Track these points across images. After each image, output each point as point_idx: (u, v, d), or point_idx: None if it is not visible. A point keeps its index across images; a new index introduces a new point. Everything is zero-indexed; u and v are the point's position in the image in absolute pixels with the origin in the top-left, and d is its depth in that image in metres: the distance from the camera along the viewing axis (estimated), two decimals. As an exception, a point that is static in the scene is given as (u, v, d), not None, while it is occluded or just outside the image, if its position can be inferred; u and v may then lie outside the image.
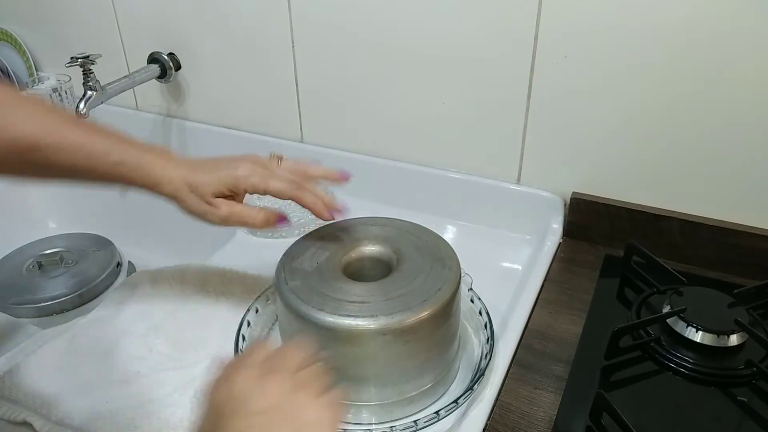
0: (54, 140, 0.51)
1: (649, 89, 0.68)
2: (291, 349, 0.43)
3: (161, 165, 0.56)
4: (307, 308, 0.51)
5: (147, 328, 0.66)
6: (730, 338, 0.59)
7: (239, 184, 0.56)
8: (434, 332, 0.53)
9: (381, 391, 0.53)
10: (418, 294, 0.52)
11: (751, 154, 0.67)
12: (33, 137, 0.51)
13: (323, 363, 0.42)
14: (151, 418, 0.53)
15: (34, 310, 0.85)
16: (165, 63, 0.97)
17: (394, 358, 0.52)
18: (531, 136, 0.77)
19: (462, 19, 0.74)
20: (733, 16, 0.62)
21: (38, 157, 0.51)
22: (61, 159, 0.52)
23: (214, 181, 0.56)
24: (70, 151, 0.52)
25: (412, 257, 0.57)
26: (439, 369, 0.55)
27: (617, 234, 0.75)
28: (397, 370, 0.53)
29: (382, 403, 0.53)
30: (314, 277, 0.55)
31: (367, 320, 0.50)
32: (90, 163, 0.53)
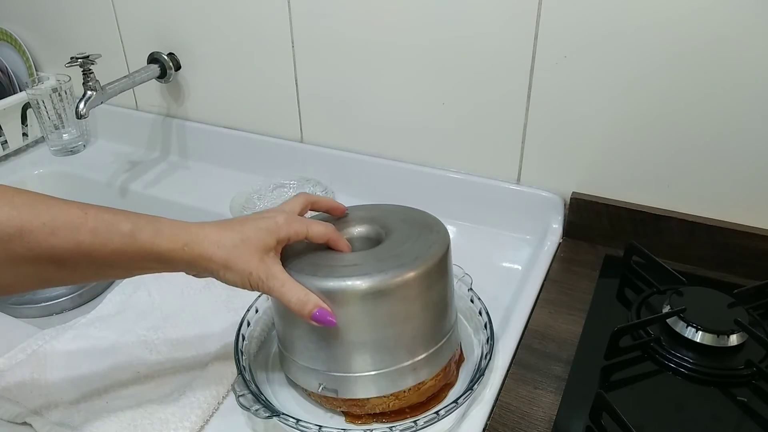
0: (43, 221, 0.44)
1: (649, 89, 0.68)
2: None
3: (184, 225, 0.49)
4: (300, 275, 0.50)
5: (147, 328, 0.66)
6: (730, 338, 0.59)
7: (282, 233, 0.51)
8: (428, 291, 0.52)
9: (378, 357, 0.52)
10: (409, 254, 0.52)
11: (752, 154, 0.67)
12: (14, 221, 0.43)
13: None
14: (151, 418, 0.53)
15: (34, 310, 0.85)
16: (165, 63, 0.97)
17: (389, 319, 0.51)
18: (531, 136, 0.77)
19: (462, 20, 0.74)
20: (733, 16, 0.62)
21: (29, 244, 0.43)
22: (58, 242, 0.44)
23: (262, 232, 0.50)
24: (66, 229, 0.44)
25: (399, 229, 0.57)
26: (436, 335, 0.54)
27: (617, 234, 0.75)
28: (393, 333, 0.52)
29: (380, 372, 0.52)
30: (305, 252, 0.54)
31: (361, 279, 0.49)
32: (96, 241, 0.45)
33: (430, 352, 0.54)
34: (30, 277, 0.46)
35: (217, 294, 0.71)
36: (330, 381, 0.53)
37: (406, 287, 0.51)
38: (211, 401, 0.56)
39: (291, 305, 0.49)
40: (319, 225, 0.54)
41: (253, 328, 0.62)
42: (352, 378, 0.52)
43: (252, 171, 0.97)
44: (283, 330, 0.56)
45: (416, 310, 0.52)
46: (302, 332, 0.53)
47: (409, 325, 0.52)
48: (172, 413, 0.54)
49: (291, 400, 0.58)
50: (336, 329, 0.51)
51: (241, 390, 0.53)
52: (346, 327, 0.51)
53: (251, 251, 0.49)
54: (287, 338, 0.56)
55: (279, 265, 0.51)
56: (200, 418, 0.54)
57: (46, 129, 1.07)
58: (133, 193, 0.98)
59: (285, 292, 0.49)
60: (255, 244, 0.50)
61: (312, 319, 0.49)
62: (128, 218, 0.47)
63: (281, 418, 0.51)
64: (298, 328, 0.53)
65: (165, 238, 0.47)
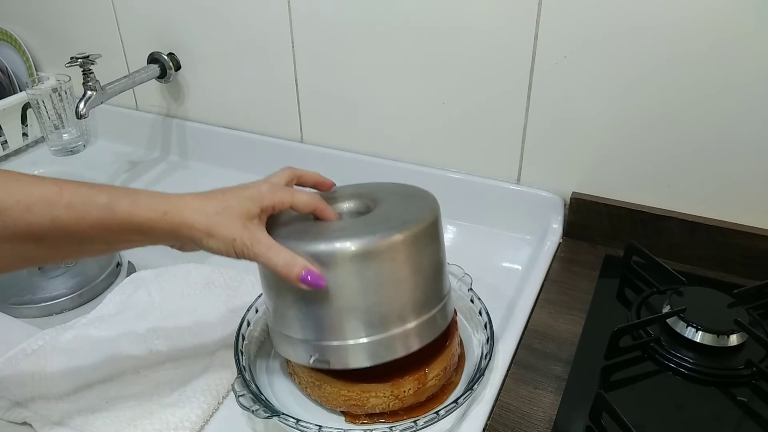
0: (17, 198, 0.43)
1: (649, 89, 0.68)
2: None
3: (163, 195, 0.48)
4: (286, 241, 0.50)
5: (147, 328, 0.66)
6: (729, 338, 0.59)
7: (266, 201, 0.50)
8: (418, 255, 0.52)
9: (370, 324, 0.50)
10: (398, 218, 0.52)
11: (752, 154, 0.67)
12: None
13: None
14: (151, 418, 0.53)
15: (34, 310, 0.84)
16: (165, 63, 0.97)
17: (379, 282, 0.50)
18: (531, 136, 0.77)
19: (462, 19, 0.74)
20: (733, 16, 0.62)
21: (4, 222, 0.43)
22: (35, 218, 0.43)
23: (245, 200, 0.49)
24: (41, 205, 0.44)
25: (389, 200, 0.56)
26: (428, 302, 0.53)
27: (617, 234, 0.75)
28: (384, 297, 0.51)
29: (372, 340, 0.51)
30: (291, 222, 0.54)
31: (350, 241, 0.49)
32: (73, 215, 0.45)
33: (422, 319, 0.52)
34: (9, 256, 0.45)
35: (217, 294, 0.71)
36: (321, 351, 0.52)
37: (396, 249, 0.50)
38: (211, 401, 0.56)
39: (278, 269, 0.48)
40: (304, 194, 0.53)
41: (253, 328, 0.62)
42: (343, 347, 0.51)
43: (252, 171, 0.96)
44: (272, 302, 0.55)
45: (407, 273, 0.51)
46: (291, 301, 0.52)
47: (399, 289, 0.51)
48: (172, 413, 0.54)
49: (291, 400, 0.58)
50: (325, 295, 0.49)
51: (241, 390, 0.53)
52: (336, 292, 0.49)
53: (234, 218, 0.48)
54: (276, 310, 0.54)
55: (264, 232, 0.50)
56: (200, 418, 0.54)
57: (46, 129, 1.07)
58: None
59: (271, 256, 0.48)
60: (238, 211, 0.49)
61: (301, 281, 0.48)
62: (104, 191, 0.46)
63: (281, 418, 0.51)
64: (286, 298, 0.52)
65: (143, 207, 0.47)
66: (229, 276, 0.73)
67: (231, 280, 0.72)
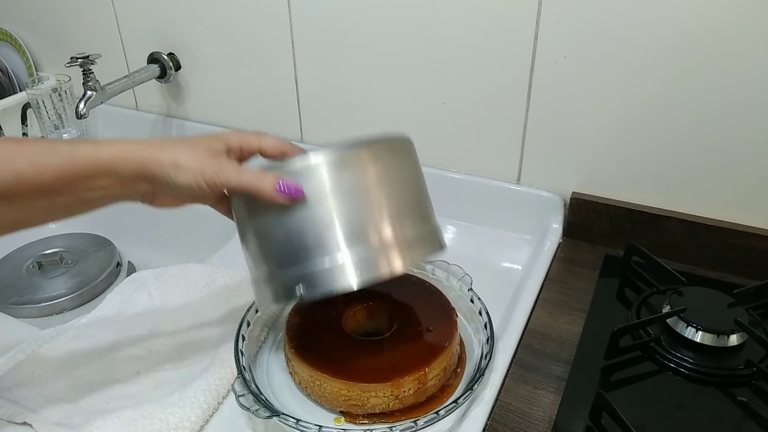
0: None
1: (649, 89, 0.68)
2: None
3: (124, 140, 0.47)
4: (263, 167, 0.50)
5: (147, 328, 0.66)
6: (729, 338, 0.59)
7: (231, 140, 0.50)
8: (392, 169, 0.52)
9: (351, 238, 0.49)
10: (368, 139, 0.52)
11: (751, 153, 0.67)
12: None
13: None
14: (151, 418, 0.53)
15: (34, 310, 0.84)
16: (165, 63, 0.97)
17: (355, 191, 0.49)
18: (531, 136, 0.77)
19: (462, 19, 0.74)
20: (733, 16, 0.62)
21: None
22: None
23: (209, 139, 0.49)
24: (2, 161, 0.43)
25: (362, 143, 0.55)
26: (411, 220, 0.52)
27: (617, 234, 0.75)
28: (362, 207, 0.50)
29: (357, 258, 0.49)
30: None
31: (321, 152, 0.49)
32: (35, 166, 0.44)
33: (405, 236, 0.51)
34: None
35: (217, 294, 0.71)
36: (307, 279, 0.49)
37: (369, 157, 0.50)
38: (211, 401, 0.56)
39: (252, 186, 0.47)
40: (272, 136, 0.52)
41: (253, 328, 0.62)
42: (328, 270, 0.49)
43: (252, 171, 0.97)
44: (251, 242, 0.53)
45: (384, 183, 0.51)
46: (270, 231, 0.50)
47: (378, 199, 0.50)
48: (172, 413, 0.54)
49: (291, 400, 0.58)
50: (305, 214, 0.49)
51: (241, 390, 0.53)
52: (314, 206, 0.49)
53: (201, 151, 0.48)
54: (257, 250, 0.52)
55: (233, 162, 0.49)
56: (200, 418, 0.54)
57: (46, 129, 1.07)
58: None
59: (242, 176, 0.48)
60: (205, 146, 0.49)
61: (278, 192, 0.47)
62: (65, 142, 0.47)
63: (281, 418, 0.51)
64: (265, 231, 0.51)
65: (105, 149, 0.46)
66: (229, 276, 0.73)
67: (231, 280, 0.72)
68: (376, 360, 0.57)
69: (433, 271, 0.68)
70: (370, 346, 0.59)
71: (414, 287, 0.66)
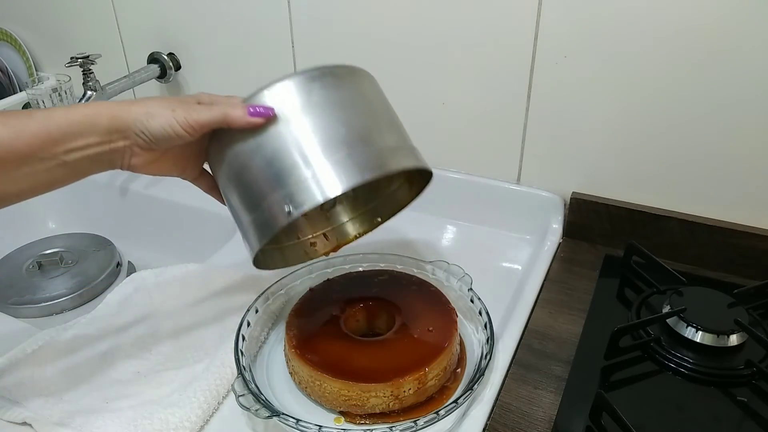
0: None
1: (649, 89, 0.68)
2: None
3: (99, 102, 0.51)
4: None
5: (147, 328, 0.66)
6: (729, 338, 0.59)
7: (203, 96, 0.55)
8: (360, 88, 0.53)
9: (329, 148, 0.49)
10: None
11: (751, 154, 0.67)
12: None
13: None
14: (151, 418, 0.53)
15: (34, 310, 0.84)
16: (165, 63, 0.97)
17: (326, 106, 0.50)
18: (531, 136, 0.77)
19: (462, 19, 0.74)
20: (733, 16, 0.62)
21: None
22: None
23: (179, 96, 0.53)
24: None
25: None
26: (382, 132, 0.52)
27: (617, 234, 0.75)
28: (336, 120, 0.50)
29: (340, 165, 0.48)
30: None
31: (290, 76, 0.50)
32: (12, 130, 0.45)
33: (388, 144, 0.52)
34: None
35: (217, 294, 0.71)
36: (292, 196, 0.48)
37: (336, 79, 0.51)
38: (211, 401, 0.56)
39: (226, 116, 0.49)
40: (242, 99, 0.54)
41: (253, 328, 0.62)
42: (311, 180, 0.48)
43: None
44: (234, 185, 0.52)
45: (355, 100, 0.52)
46: (250, 164, 0.50)
47: (351, 114, 0.51)
48: (172, 413, 0.54)
49: (291, 400, 0.58)
50: (280, 134, 0.49)
51: (241, 390, 0.53)
52: (288, 125, 0.49)
53: (171, 100, 0.51)
54: (242, 190, 0.52)
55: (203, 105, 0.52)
56: (200, 418, 0.54)
57: (46, 129, 1.07)
58: (133, 193, 0.98)
59: (213, 110, 0.50)
60: (174, 98, 0.52)
61: (250, 116, 0.49)
62: (39, 110, 0.48)
63: (281, 418, 0.51)
64: (245, 165, 0.51)
65: (79, 109, 0.48)
66: (229, 276, 0.73)
67: (231, 280, 0.72)
68: (376, 360, 0.57)
69: (433, 271, 0.68)
70: (370, 346, 0.59)
71: (414, 287, 0.66)
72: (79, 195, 1.02)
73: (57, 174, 0.48)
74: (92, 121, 0.48)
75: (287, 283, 0.68)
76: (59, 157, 0.48)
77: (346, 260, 0.71)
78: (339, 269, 0.70)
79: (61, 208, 1.06)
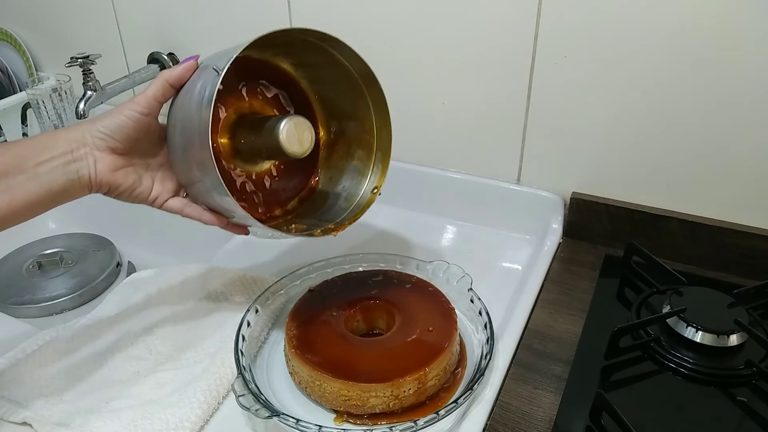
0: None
1: (649, 89, 0.68)
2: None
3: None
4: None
5: (147, 328, 0.66)
6: (730, 338, 0.59)
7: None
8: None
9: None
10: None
11: (751, 154, 0.67)
12: None
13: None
14: (151, 418, 0.53)
15: (34, 310, 0.85)
16: (165, 63, 0.97)
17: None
18: (531, 136, 0.77)
19: (462, 20, 0.74)
20: (733, 16, 0.62)
21: None
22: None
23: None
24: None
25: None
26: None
27: (617, 234, 0.75)
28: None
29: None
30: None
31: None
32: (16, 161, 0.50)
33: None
34: None
35: (217, 294, 0.71)
36: (219, 61, 0.54)
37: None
38: (211, 401, 0.56)
39: (163, 77, 0.55)
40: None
41: (253, 328, 0.62)
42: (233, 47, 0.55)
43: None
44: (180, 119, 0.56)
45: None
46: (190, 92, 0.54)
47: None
48: (172, 413, 0.54)
49: (291, 400, 0.58)
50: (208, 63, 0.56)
51: (241, 390, 0.53)
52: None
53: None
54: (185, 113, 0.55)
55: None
56: (200, 418, 0.54)
57: (46, 129, 1.07)
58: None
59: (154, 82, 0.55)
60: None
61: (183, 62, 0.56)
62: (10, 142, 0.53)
63: (281, 418, 0.51)
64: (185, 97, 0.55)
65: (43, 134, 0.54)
66: (229, 276, 0.73)
67: (231, 280, 0.72)
68: (376, 360, 0.57)
69: (433, 271, 0.68)
70: (370, 346, 0.59)
71: (414, 287, 0.66)
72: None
73: (31, 188, 0.51)
74: (54, 137, 0.53)
75: (287, 283, 0.68)
76: (30, 170, 0.51)
77: (346, 260, 0.71)
78: (339, 269, 0.70)
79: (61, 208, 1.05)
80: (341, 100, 0.65)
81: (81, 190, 0.54)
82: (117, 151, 0.55)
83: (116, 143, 0.54)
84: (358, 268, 0.71)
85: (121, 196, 0.57)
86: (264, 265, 0.76)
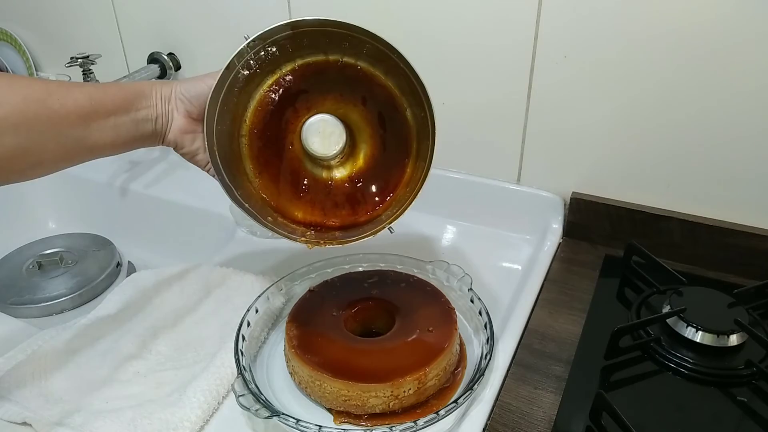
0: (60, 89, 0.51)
1: (649, 89, 0.68)
2: None
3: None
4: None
5: (147, 328, 0.66)
6: (730, 338, 0.59)
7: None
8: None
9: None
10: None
11: (751, 154, 0.67)
12: (41, 89, 0.49)
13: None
14: (151, 418, 0.53)
15: (34, 310, 0.85)
16: (165, 63, 0.97)
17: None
18: (531, 136, 0.77)
19: (462, 19, 0.74)
20: (733, 16, 0.62)
21: (51, 107, 0.49)
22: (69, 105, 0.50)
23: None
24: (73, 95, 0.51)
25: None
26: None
27: (617, 234, 0.75)
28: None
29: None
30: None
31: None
32: (99, 92, 0.53)
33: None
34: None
35: (216, 294, 0.71)
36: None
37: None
38: (211, 401, 0.56)
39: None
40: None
41: (253, 328, 0.62)
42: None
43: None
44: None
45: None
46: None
47: None
48: (172, 413, 0.54)
49: (291, 400, 0.58)
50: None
51: (241, 390, 0.53)
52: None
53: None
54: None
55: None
56: (200, 418, 0.54)
57: (46, 129, 1.07)
58: (133, 193, 0.98)
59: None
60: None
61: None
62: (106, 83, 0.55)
63: (281, 418, 0.51)
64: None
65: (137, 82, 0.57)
66: (228, 276, 0.73)
67: (231, 279, 0.72)
68: (376, 360, 0.57)
69: (433, 271, 0.68)
70: (370, 346, 0.59)
71: (414, 287, 0.66)
72: (79, 195, 1.02)
73: (130, 130, 0.55)
74: (150, 87, 0.55)
75: (287, 283, 0.68)
76: (132, 114, 0.54)
77: (346, 260, 0.71)
78: (339, 269, 0.70)
79: (61, 208, 1.06)
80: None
81: (155, 141, 0.57)
82: (191, 116, 0.57)
83: (192, 108, 0.56)
84: (358, 268, 0.71)
85: (183, 156, 0.59)
86: (264, 265, 0.76)
